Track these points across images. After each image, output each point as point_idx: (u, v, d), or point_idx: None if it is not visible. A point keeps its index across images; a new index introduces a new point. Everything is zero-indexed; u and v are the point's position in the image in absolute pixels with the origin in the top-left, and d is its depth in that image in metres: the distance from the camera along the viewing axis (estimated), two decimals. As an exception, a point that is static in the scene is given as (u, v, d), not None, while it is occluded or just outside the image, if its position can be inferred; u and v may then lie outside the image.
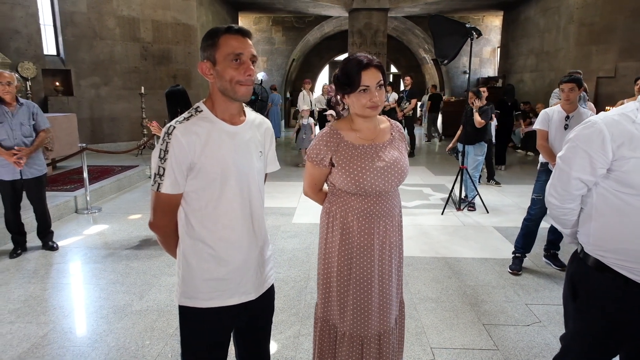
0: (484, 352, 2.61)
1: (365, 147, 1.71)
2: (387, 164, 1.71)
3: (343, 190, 1.73)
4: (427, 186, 7.04)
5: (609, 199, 1.45)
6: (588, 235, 1.53)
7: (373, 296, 1.76)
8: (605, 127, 1.40)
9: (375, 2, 11.94)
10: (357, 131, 1.72)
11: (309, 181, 1.84)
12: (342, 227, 1.74)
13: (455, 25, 5.56)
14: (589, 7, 9.10)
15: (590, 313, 1.53)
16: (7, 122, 3.81)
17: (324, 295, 1.84)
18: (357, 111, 1.67)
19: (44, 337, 2.73)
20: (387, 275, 1.79)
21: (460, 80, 15.54)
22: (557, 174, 1.58)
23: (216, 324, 1.53)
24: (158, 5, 9.75)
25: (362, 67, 1.60)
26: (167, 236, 1.50)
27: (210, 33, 1.41)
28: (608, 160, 1.41)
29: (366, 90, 1.61)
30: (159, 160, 1.38)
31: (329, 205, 1.80)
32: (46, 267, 3.82)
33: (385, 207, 1.75)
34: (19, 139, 3.86)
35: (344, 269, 1.75)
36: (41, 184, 4.13)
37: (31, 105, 4.01)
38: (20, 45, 7.64)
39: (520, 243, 3.79)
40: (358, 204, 1.72)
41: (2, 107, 3.82)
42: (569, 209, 1.58)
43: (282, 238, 4.58)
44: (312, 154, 1.73)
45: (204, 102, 1.47)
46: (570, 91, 3.53)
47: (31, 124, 3.96)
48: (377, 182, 1.68)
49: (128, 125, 9.77)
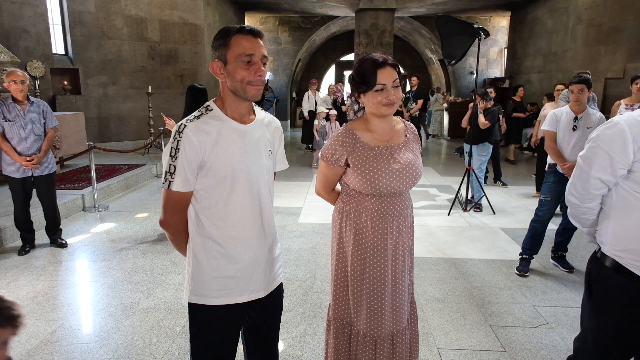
0: (491, 353, 2.60)
1: (380, 148, 1.70)
2: (403, 166, 1.71)
3: (357, 190, 1.72)
4: (434, 187, 7.02)
5: (628, 200, 1.45)
6: (606, 235, 1.53)
7: (386, 296, 1.76)
8: (627, 127, 1.39)
9: (382, 3, 11.92)
10: (373, 132, 1.72)
11: (322, 181, 1.83)
12: (355, 226, 1.74)
13: (463, 25, 5.54)
14: (598, 7, 9.04)
15: (604, 313, 1.52)
16: (20, 121, 3.86)
17: (337, 294, 1.84)
18: (373, 110, 1.66)
19: (52, 334, 2.75)
20: (400, 275, 1.79)
21: (467, 80, 15.49)
22: (577, 173, 1.57)
23: (225, 321, 1.54)
24: (165, 5, 9.79)
25: (378, 65, 1.60)
26: (178, 234, 1.51)
27: (221, 33, 1.41)
28: (629, 161, 1.40)
29: (382, 89, 1.61)
30: (170, 159, 1.39)
31: (342, 205, 1.80)
32: (54, 264, 3.85)
33: (399, 208, 1.75)
34: (30, 137, 3.90)
35: (358, 269, 1.75)
36: (51, 182, 4.17)
37: (41, 103, 4.05)
38: (29, 44, 7.69)
39: (528, 244, 3.78)
40: (372, 204, 1.71)
41: (15, 105, 3.86)
42: (588, 208, 1.58)
43: (289, 238, 4.58)
44: (327, 154, 1.72)
45: (214, 101, 1.48)
46: (580, 92, 3.51)
47: (42, 122, 4.00)
48: (392, 184, 1.68)
49: (135, 124, 9.81)
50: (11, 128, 3.84)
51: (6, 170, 3.94)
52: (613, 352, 1.53)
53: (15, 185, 3.97)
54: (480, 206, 5.66)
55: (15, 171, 3.91)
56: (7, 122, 3.82)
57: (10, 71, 3.86)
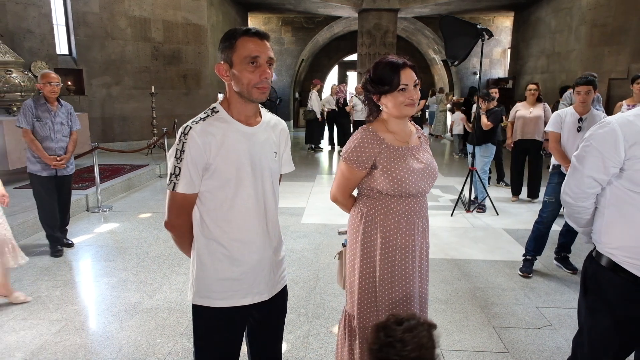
0: (494, 354, 2.60)
1: (403, 149, 1.71)
2: (425, 165, 1.73)
3: (383, 192, 1.70)
4: (436, 187, 7.01)
5: (621, 197, 1.47)
6: (600, 233, 1.55)
7: (414, 295, 1.77)
8: (619, 127, 1.43)
9: (385, 3, 11.92)
10: (394, 133, 1.72)
11: (342, 185, 1.78)
12: (382, 230, 1.72)
13: (466, 26, 5.53)
14: (602, 8, 9.01)
15: (600, 310, 1.54)
16: (51, 121, 3.95)
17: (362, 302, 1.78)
18: (394, 110, 1.67)
19: (56, 334, 2.76)
20: (424, 274, 1.83)
21: (470, 81, 15.46)
22: (571, 173, 1.61)
23: (229, 323, 1.54)
24: (169, 6, 9.82)
25: (400, 66, 1.63)
26: (182, 235, 1.51)
27: (227, 35, 1.41)
28: (620, 160, 1.44)
29: (405, 89, 1.63)
30: (175, 160, 1.39)
31: (364, 209, 1.75)
32: (58, 264, 3.86)
33: (422, 208, 1.77)
34: (58, 138, 4.00)
35: (387, 272, 1.73)
36: (71, 182, 4.31)
37: (68, 106, 4.16)
38: (33, 44, 7.72)
39: (531, 245, 3.77)
40: (399, 206, 1.71)
41: (48, 105, 3.94)
42: (583, 207, 1.61)
43: (292, 238, 4.59)
44: (353, 156, 1.68)
45: (220, 103, 1.48)
46: (587, 94, 3.51)
47: (69, 124, 4.11)
48: (419, 184, 1.69)
49: (138, 125, 9.84)
50: (42, 128, 3.91)
51: (32, 169, 3.98)
52: (610, 350, 1.54)
53: (43, 183, 4.00)
54: (484, 207, 5.65)
55: (42, 170, 3.97)
56: (38, 121, 3.89)
57: (44, 73, 3.92)
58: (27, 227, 4.49)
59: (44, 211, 4.07)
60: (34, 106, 3.88)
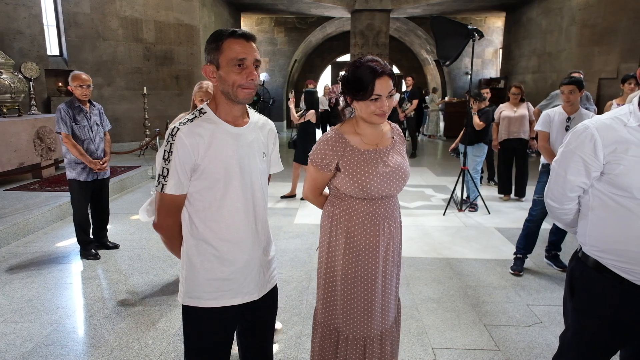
0: (485, 352, 2.62)
1: (370, 152, 1.70)
2: (392, 169, 1.71)
3: (347, 194, 1.72)
4: (429, 187, 7.05)
5: (603, 201, 1.48)
6: (584, 235, 1.56)
7: (377, 297, 1.77)
8: (596, 131, 1.43)
9: (377, 3, 11.95)
10: (362, 135, 1.71)
11: (311, 185, 1.82)
12: (346, 230, 1.74)
13: (457, 26, 5.57)
14: (592, 8, 9.10)
15: (586, 312, 1.55)
16: (88, 124, 3.88)
17: (325, 298, 1.84)
18: (365, 117, 1.66)
19: (47, 337, 2.74)
20: (389, 275, 1.81)
21: (462, 81, 15.55)
22: (553, 178, 1.61)
23: (219, 323, 1.55)
24: (161, 6, 9.78)
25: (377, 75, 1.57)
26: (171, 237, 1.52)
27: (214, 36, 1.41)
28: (600, 164, 1.44)
29: (377, 99, 1.59)
30: (163, 162, 1.39)
31: (331, 209, 1.79)
32: (49, 266, 3.84)
33: (389, 210, 1.76)
34: (97, 139, 3.94)
35: (350, 271, 1.75)
36: (108, 184, 4.24)
37: (99, 106, 4.08)
38: (23, 45, 7.67)
39: (522, 244, 3.80)
40: (363, 208, 1.72)
41: (83, 108, 3.86)
42: (569, 209, 1.62)
43: (284, 238, 4.59)
44: (317, 158, 1.70)
45: (208, 104, 1.49)
46: (570, 93, 3.54)
47: (101, 124, 4.05)
48: (383, 188, 1.69)
49: (131, 126, 9.78)
50: (81, 131, 3.83)
51: (73, 175, 3.88)
52: (596, 350, 1.56)
53: (83, 188, 3.93)
54: (476, 206, 5.69)
55: (85, 175, 3.89)
56: (76, 125, 3.80)
57: (75, 74, 3.78)
58: (17, 229, 4.46)
59: (81, 216, 4.01)
60: (69, 110, 3.77)
